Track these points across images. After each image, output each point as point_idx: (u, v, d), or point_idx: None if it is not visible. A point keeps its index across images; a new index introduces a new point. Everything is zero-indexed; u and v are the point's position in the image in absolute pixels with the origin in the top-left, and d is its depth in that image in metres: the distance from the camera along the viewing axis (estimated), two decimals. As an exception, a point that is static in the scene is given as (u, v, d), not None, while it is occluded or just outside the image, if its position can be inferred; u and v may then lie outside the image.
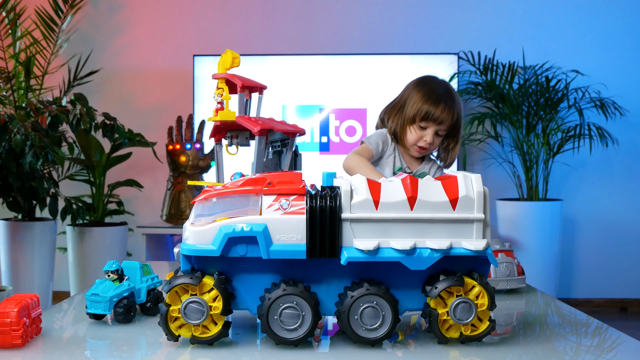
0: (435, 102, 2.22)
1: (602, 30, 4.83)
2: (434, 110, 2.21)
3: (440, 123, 2.22)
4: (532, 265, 4.10)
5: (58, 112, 3.78)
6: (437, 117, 2.21)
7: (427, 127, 2.24)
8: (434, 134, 2.24)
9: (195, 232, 1.30)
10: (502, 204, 4.46)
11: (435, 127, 2.23)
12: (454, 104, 2.24)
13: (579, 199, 4.86)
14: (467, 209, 1.31)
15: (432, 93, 2.24)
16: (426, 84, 2.29)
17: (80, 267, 4.28)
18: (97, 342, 1.40)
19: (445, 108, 2.21)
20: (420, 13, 4.88)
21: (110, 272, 1.51)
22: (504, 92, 4.43)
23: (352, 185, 1.31)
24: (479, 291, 1.31)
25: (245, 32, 4.94)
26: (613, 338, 1.45)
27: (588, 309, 4.73)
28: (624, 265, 4.87)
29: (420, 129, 2.24)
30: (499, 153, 4.76)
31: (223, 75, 1.61)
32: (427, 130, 2.24)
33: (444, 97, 2.23)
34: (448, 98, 2.23)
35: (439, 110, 2.21)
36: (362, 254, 1.27)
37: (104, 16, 5.00)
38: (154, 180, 4.90)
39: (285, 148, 1.69)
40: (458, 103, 2.26)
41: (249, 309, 1.35)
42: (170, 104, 4.88)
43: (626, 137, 4.77)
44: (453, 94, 2.27)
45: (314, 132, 4.66)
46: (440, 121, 2.22)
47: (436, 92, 2.24)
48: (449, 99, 2.23)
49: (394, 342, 1.36)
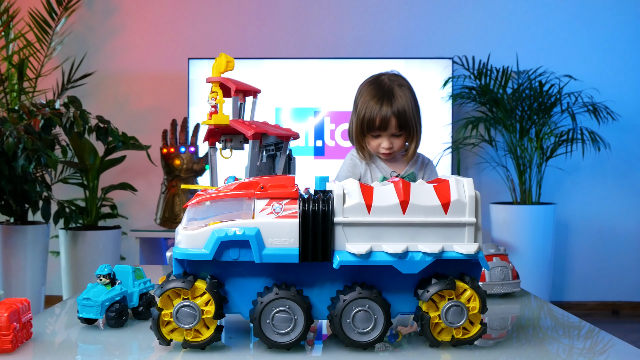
0: (373, 109, 2.12)
1: (595, 36, 4.85)
2: (374, 117, 2.11)
3: (386, 128, 2.12)
4: (525, 269, 4.10)
5: (51, 115, 3.77)
6: (380, 123, 2.11)
7: (378, 135, 2.15)
8: (389, 138, 2.15)
9: (188, 236, 1.30)
10: (495, 208, 4.47)
11: (387, 133, 2.14)
12: (393, 103, 2.11)
13: (572, 203, 4.87)
14: (459, 212, 1.31)
15: (368, 103, 2.14)
16: (363, 92, 2.19)
17: (73, 271, 4.26)
18: (88, 347, 1.39)
19: (384, 112, 2.10)
20: (415, 18, 4.89)
21: (102, 276, 1.50)
22: (497, 96, 4.44)
23: (344, 189, 1.31)
24: (471, 295, 1.32)
25: (239, 35, 4.94)
26: (605, 341, 1.46)
27: (581, 312, 4.74)
28: (616, 269, 4.88)
29: (373, 137, 2.17)
30: (492, 157, 4.77)
31: (217, 79, 1.62)
32: (381, 137, 2.15)
33: (380, 101, 2.12)
34: (385, 99, 2.12)
35: (378, 116, 2.11)
36: (354, 257, 1.27)
37: (98, 18, 4.99)
38: (148, 183, 4.89)
39: (279, 152, 1.69)
40: (400, 97, 2.12)
41: (241, 313, 1.35)
42: (164, 107, 4.87)
43: (618, 142, 4.79)
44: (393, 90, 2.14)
45: (308, 136, 4.63)
46: (385, 126, 2.12)
47: (372, 100, 2.14)
48: (386, 99, 2.12)
49: (390, 342, 1.36)
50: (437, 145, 4.42)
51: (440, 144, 4.45)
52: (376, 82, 2.20)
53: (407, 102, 2.12)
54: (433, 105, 4.48)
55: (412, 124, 2.13)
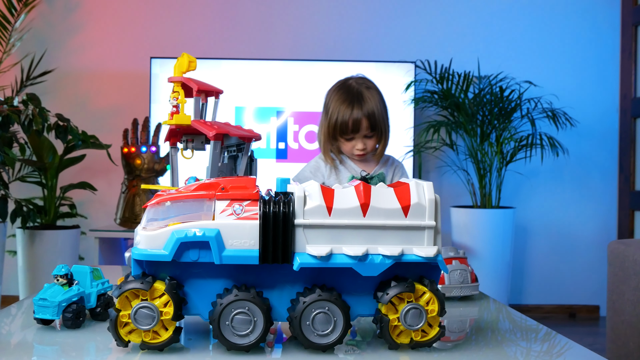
0: (345, 113, 2.19)
1: (555, 43, 4.93)
2: (347, 122, 2.19)
3: (358, 130, 2.20)
4: (484, 272, 4.16)
5: (9, 112, 3.72)
6: (353, 126, 2.19)
7: (352, 137, 2.23)
8: (362, 139, 2.23)
9: (147, 236, 1.29)
10: (456, 211, 4.51)
11: (359, 134, 2.22)
12: (364, 105, 2.19)
13: (531, 207, 4.94)
14: (419, 216, 1.32)
15: (339, 107, 2.21)
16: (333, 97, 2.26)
17: (30, 271, 4.20)
18: (44, 348, 1.37)
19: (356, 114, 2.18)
20: (378, 22, 4.92)
21: (59, 277, 1.48)
22: (459, 101, 4.48)
23: (305, 191, 1.31)
24: (430, 297, 1.33)
25: (202, 35, 4.91)
26: (562, 344, 1.48)
27: (538, 315, 4.81)
28: (574, 272, 4.96)
29: (347, 140, 2.24)
30: (453, 161, 4.81)
31: (179, 79, 1.61)
32: (354, 140, 2.23)
33: (351, 104, 2.20)
34: (355, 102, 2.20)
35: (350, 120, 2.19)
36: (314, 259, 1.28)
37: (59, 15, 4.92)
38: (108, 183, 4.84)
39: (241, 153, 1.69)
40: (370, 99, 2.20)
41: (200, 314, 1.34)
42: (126, 106, 4.82)
43: (576, 147, 4.88)
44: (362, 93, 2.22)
45: (270, 137, 4.58)
46: (357, 129, 2.20)
47: (343, 104, 2.21)
48: (356, 102, 2.20)
49: (349, 343, 1.37)
50: (399, 148, 4.44)
51: (402, 147, 4.48)
52: (344, 86, 2.27)
53: (376, 104, 2.21)
54: (395, 108, 4.50)
55: (381, 124, 2.22)
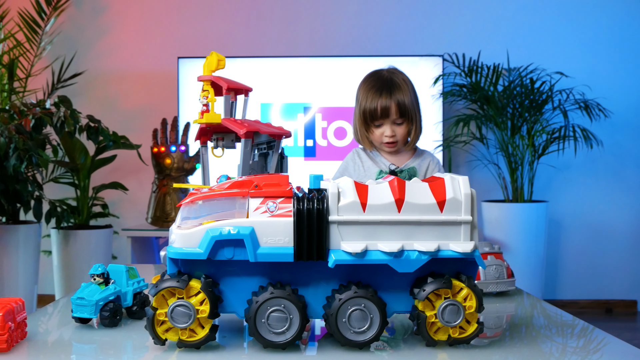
0: (374, 98, 2.20)
1: (586, 33, 4.86)
2: (375, 106, 2.19)
3: (387, 115, 2.20)
4: (517, 267, 4.10)
5: (42, 115, 3.76)
6: (382, 111, 2.19)
7: (380, 123, 2.23)
8: (391, 126, 2.22)
9: (182, 235, 1.29)
10: (487, 206, 4.47)
11: (387, 120, 2.21)
12: (393, 91, 2.20)
13: (564, 201, 4.88)
14: (455, 211, 1.31)
15: (370, 90, 2.23)
16: (363, 85, 2.28)
17: (65, 271, 4.25)
18: (83, 346, 1.38)
19: (384, 99, 2.18)
20: (405, 15, 4.89)
21: (96, 276, 1.49)
22: (488, 93, 4.44)
23: (339, 187, 1.30)
24: (467, 293, 1.31)
25: (230, 34, 4.92)
26: (599, 339, 1.45)
27: (574, 310, 4.75)
28: (609, 267, 4.90)
29: (376, 127, 2.24)
30: (484, 155, 4.77)
31: (208, 78, 1.61)
32: (383, 126, 2.22)
33: (380, 90, 2.21)
34: (384, 88, 2.21)
35: (379, 104, 2.19)
36: (349, 256, 1.27)
37: (87, 18, 4.97)
38: (139, 182, 4.88)
39: (272, 150, 1.68)
40: (399, 86, 2.21)
41: (236, 312, 1.34)
42: (155, 106, 4.85)
43: (610, 139, 4.80)
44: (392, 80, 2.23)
45: (297, 135, 4.56)
46: (386, 114, 2.20)
47: (373, 88, 2.22)
48: (385, 88, 2.21)
49: (384, 342, 1.36)
50: (428, 143, 4.41)
51: (431, 142, 4.45)
52: (375, 75, 2.28)
53: (406, 91, 2.21)
54: (424, 103, 4.42)
55: (412, 112, 2.22)
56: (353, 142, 4.43)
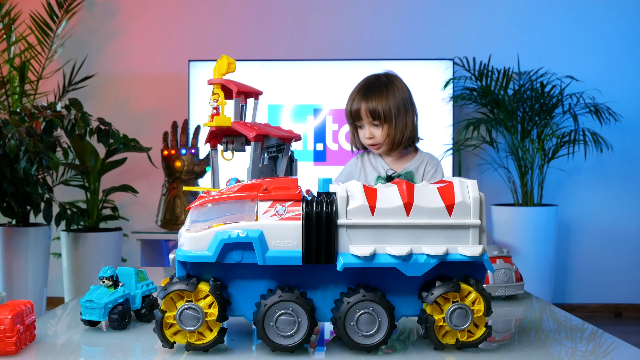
0: (351, 101, 2.24)
1: (597, 37, 4.85)
2: (350, 109, 2.24)
3: (359, 117, 2.23)
4: (527, 271, 4.09)
5: (53, 117, 3.78)
6: (354, 114, 2.23)
7: (361, 125, 2.25)
8: (370, 127, 2.24)
9: (191, 238, 1.30)
10: (497, 209, 4.46)
11: (366, 122, 2.23)
12: (369, 94, 2.22)
13: (574, 205, 4.86)
14: (463, 214, 1.31)
15: (351, 94, 2.27)
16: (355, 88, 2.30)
17: (75, 273, 4.27)
18: (91, 349, 1.39)
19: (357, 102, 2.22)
20: (415, 19, 4.89)
21: (105, 278, 1.50)
22: (499, 97, 4.43)
23: (348, 191, 1.30)
24: (475, 297, 1.31)
25: (241, 37, 4.93)
26: (608, 343, 1.45)
27: (583, 314, 4.73)
28: (619, 271, 4.87)
29: (358, 128, 2.27)
30: (494, 158, 4.76)
31: (219, 81, 1.61)
32: (364, 128, 2.25)
33: (357, 93, 2.24)
34: (360, 91, 2.24)
35: (352, 107, 2.23)
36: (358, 260, 1.27)
37: (99, 21, 4.99)
38: (148, 185, 4.89)
39: (281, 154, 1.68)
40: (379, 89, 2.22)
41: (244, 315, 1.35)
42: (165, 109, 4.87)
43: (621, 143, 4.78)
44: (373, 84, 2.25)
45: (307, 138, 4.54)
46: (358, 116, 2.23)
47: (354, 91, 2.27)
48: (362, 91, 2.23)
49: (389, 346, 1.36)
50: (438, 146, 4.41)
51: (441, 145, 4.45)
52: (365, 78, 2.32)
53: (383, 95, 2.22)
54: (434, 106, 4.47)
55: (387, 115, 2.21)
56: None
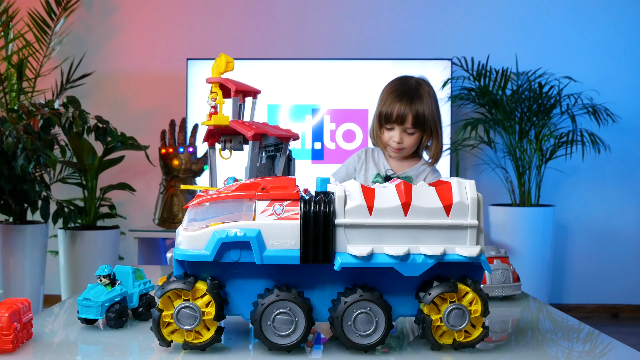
0: (393, 102, 2.21)
1: (595, 37, 4.85)
2: (392, 110, 2.20)
3: (402, 122, 2.21)
4: (524, 271, 4.08)
5: (50, 115, 3.77)
6: (396, 116, 2.20)
7: (392, 127, 2.23)
8: (401, 133, 2.22)
9: (189, 237, 1.30)
10: (494, 210, 4.46)
11: (400, 126, 2.22)
12: (414, 100, 2.20)
13: (571, 205, 4.87)
14: (461, 215, 1.31)
15: (391, 93, 2.23)
16: (387, 87, 2.28)
17: (72, 271, 4.26)
18: (88, 347, 1.39)
19: (402, 106, 2.19)
20: (414, 19, 4.89)
21: (102, 277, 1.50)
22: (497, 97, 4.43)
23: (346, 190, 1.30)
24: (473, 297, 1.31)
25: (239, 36, 4.93)
26: (604, 344, 1.45)
27: (580, 315, 4.73)
28: (616, 271, 4.88)
29: (387, 129, 2.25)
30: (491, 159, 4.77)
31: (217, 80, 1.61)
32: (394, 130, 2.23)
33: (401, 96, 2.21)
34: (405, 95, 2.21)
35: (395, 109, 2.19)
36: (355, 259, 1.27)
37: (97, 19, 4.99)
38: (146, 183, 4.89)
39: (279, 153, 1.69)
40: (422, 98, 2.22)
41: (242, 314, 1.34)
42: (163, 107, 4.87)
43: (618, 144, 4.79)
44: (417, 90, 2.23)
45: (305, 137, 4.56)
46: (400, 120, 2.20)
47: (395, 92, 2.23)
48: (407, 96, 2.21)
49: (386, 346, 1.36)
50: (437, 146, 4.40)
51: (439, 145, 4.44)
52: (402, 79, 2.30)
53: (427, 103, 2.22)
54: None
55: (429, 124, 2.22)
56: (362, 144, 4.44)
